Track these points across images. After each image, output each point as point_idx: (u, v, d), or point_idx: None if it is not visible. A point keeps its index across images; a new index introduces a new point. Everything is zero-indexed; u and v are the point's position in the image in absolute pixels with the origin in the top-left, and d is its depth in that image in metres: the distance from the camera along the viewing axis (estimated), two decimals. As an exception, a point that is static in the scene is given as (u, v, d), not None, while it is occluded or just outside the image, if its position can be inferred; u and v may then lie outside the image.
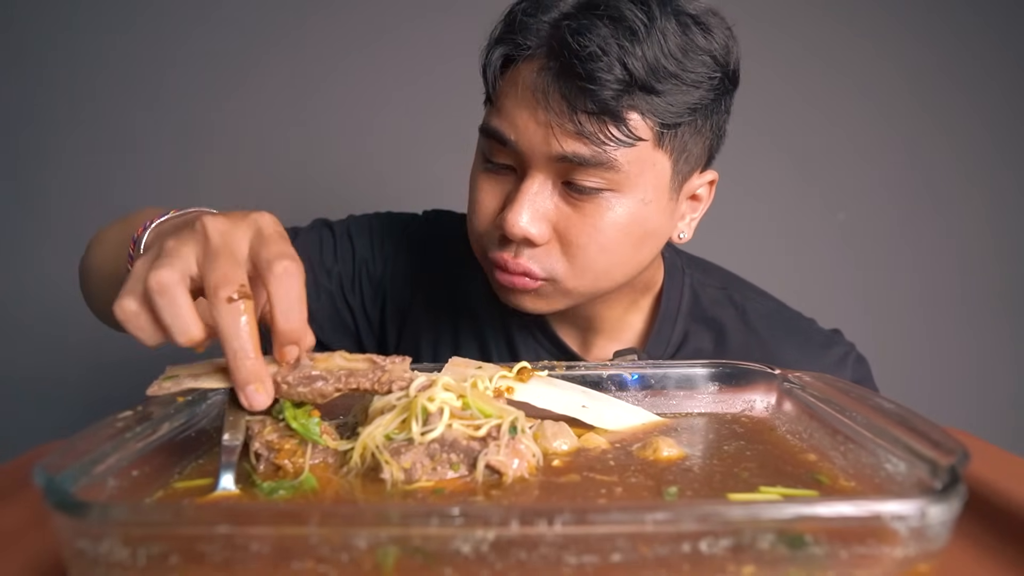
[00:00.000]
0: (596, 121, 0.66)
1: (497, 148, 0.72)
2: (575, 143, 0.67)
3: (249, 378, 0.47)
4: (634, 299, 0.87)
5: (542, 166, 0.70)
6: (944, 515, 0.34)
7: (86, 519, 0.34)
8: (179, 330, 0.46)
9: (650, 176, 0.71)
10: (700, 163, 0.76)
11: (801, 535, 0.34)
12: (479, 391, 0.55)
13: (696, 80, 0.68)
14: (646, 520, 0.33)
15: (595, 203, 0.70)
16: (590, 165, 0.68)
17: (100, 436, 0.44)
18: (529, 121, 0.69)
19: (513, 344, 0.89)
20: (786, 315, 0.91)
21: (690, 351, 0.86)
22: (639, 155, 0.69)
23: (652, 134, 0.69)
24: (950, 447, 0.39)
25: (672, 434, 0.58)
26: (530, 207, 0.70)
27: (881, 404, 0.49)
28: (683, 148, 0.72)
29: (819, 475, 0.48)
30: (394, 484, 0.47)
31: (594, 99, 0.65)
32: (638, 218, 0.72)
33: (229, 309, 0.45)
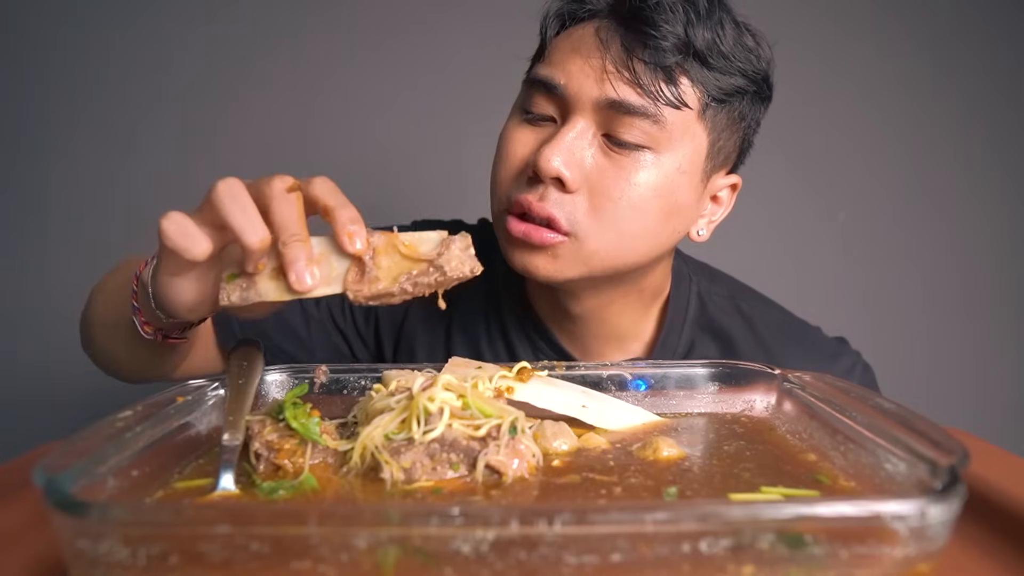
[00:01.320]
0: (650, 73, 0.69)
1: (540, 97, 0.73)
2: (627, 89, 0.69)
3: (300, 255, 0.50)
4: (643, 306, 0.85)
5: (587, 112, 0.70)
6: (944, 515, 0.34)
7: (86, 519, 0.34)
8: (248, 229, 0.49)
9: (689, 147, 0.72)
10: (728, 162, 0.79)
11: (801, 535, 0.34)
12: (479, 391, 0.55)
13: (742, 69, 0.73)
14: (646, 520, 0.33)
15: (633, 158, 0.71)
16: (636, 115, 0.69)
17: (100, 436, 0.44)
18: (584, 66, 0.70)
19: (513, 353, 0.88)
20: (793, 325, 0.91)
21: (697, 358, 0.83)
22: (683, 120, 0.71)
23: (698, 104, 0.71)
24: (950, 447, 0.39)
25: (672, 434, 0.58)
26: (567, 148, 0.70)
27: (881, 404, 0.49)
28: (719, 133, 0.74)
29: (819, 475, 0.48)
30: (394, 484, 0.47)
31: (653, 50, 0.68)
32: (672, 185, 0.72)
33: (286, 198, 0.51)
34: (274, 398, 0.63)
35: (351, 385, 0.64)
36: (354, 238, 0.51)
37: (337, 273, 0.53)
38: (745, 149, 0.81)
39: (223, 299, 0.53)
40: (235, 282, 0.53)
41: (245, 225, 0.50)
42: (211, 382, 0.58)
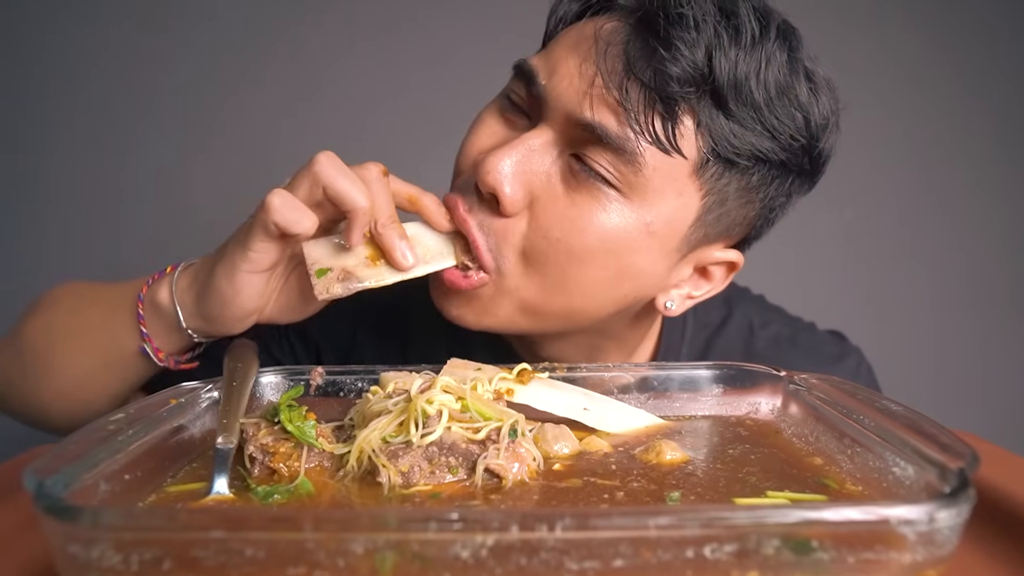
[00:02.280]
0: (644, 99, 0.56)
1: (520, 86, 0.63)
2: (607, 113, 0.57)
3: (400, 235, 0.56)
4: (631, 349, 0.76)
5: (558, 124, 0.60)
6: (953, 520, 0.34)
7: (77, 524, 0.34)
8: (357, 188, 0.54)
9: (670, 205, 0.59)
10: (732, 235, 0.66)
11: (807, 540, 0.34)
12: (478, 394, 0.55)
13: (776, 128, 0.58)
14: (649, 525, 0.33)
15: (592, 194, 0.59)
16: (609, 147, 0.57)
17: (91, 439, 0.44)
18: (572, 69, 0.59)
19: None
20: (792, 330, 0.86)
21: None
22: (671, 171, 0.58)
23: (697, 156, 0.58)
24: (959, 450, 0.39)
25: (675, 437, 0.58)
26: (521, 158, 0.59)
27: (889, 407, 0.49)
28: (722, 200, 0.61)
29: (826, 479, 0.48)
30: (391, 488, 0.47)
31: (656, 72, 0.55)
32: (631, 242, 0.59)
33: (383, 182, 0.57)
34: (269, 400, 0.63)
35: (347, 387, 0.64)
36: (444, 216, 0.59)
37: (431, 253, 0.61)
38: (761, 227, 0.67)
39: (321, 292, 0.57)
40: (328, 275, 0.57)
41: (354, 190, 0.54)
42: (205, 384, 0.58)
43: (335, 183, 0.54)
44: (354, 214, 0.53)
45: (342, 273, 0.57)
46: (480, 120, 0.66)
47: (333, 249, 0.60)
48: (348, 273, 0.57)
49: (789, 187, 0.64)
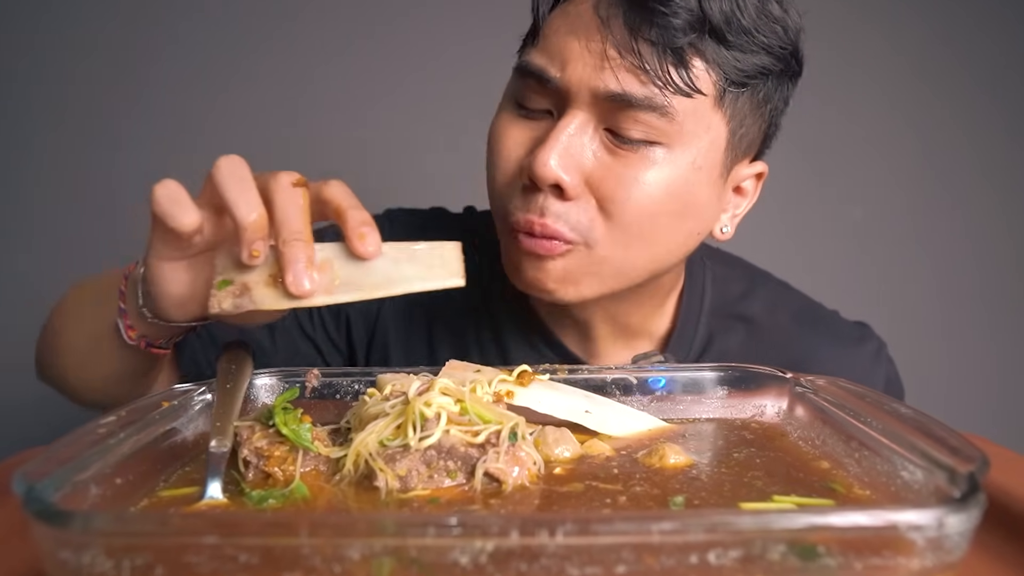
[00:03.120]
0: (657, 56, 0.62)
1: (533, 89, 0.67)
2: (629, 78, 0.62)
3: (298, 257, 0.48)
4: (657, 303, 0.81)
5: (585, 104, 0.64)
6: (963, 525, 0.34)
7: (68, 529, 0.34)
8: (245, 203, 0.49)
9: (704, 139, 0.66)
10: (752, 150, 0.73)
11: (813, 546, 0.34)
12: (477, 396, 0.55)
13: (766, 44, 0.66)
14: (652, 530, 0.33)
15: (640, 155, 0.65)
16: (641, 108, 0.63)
17: (82, 442, 0.44)
18: (582, 51, 0.64)
19: (505, 351, 0.83)
20: (815, 309, 0.90)
21: (715, 353, 0.83)
22: (696, 110, 0.65)
23: (714, 90, 0.65)
24: (969, 454, 0.39)
25: (679, 440, 0.58)
26: (563, 147, 0.64)
27: (897, 409, 0.49)
28: (741, 121, 0.68)
29: (833, 483, 0.48)
30: (389, 492, 0.47)
31: (661, 29, 0.61)
32: (687, 182, 0.66)
33: (291, 192, 0.50)
34: (263, 403, 0.63)
35: (344, 389, 0.64)
36: (366, 240, 0.50)
37: (340, 282, 0.52)
38: (771, 134, 0.75)
39: (213, 306, 0.52)
40: (227, 289, 0.52)
41: (240, 200, 0.49)
42: (198, 386, 0.58)
43: (225, 190, 0.49)
44: (240, 225, 0.49)
45: (240, 288, 0.52)
46: (500, 133, 0.70)
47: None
48: (246, 288, 0.52)
49: (787, 92, 0.73)
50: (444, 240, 0.53)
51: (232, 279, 0.52)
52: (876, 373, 0.85)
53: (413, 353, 0.85)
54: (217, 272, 0.53)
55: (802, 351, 0.83)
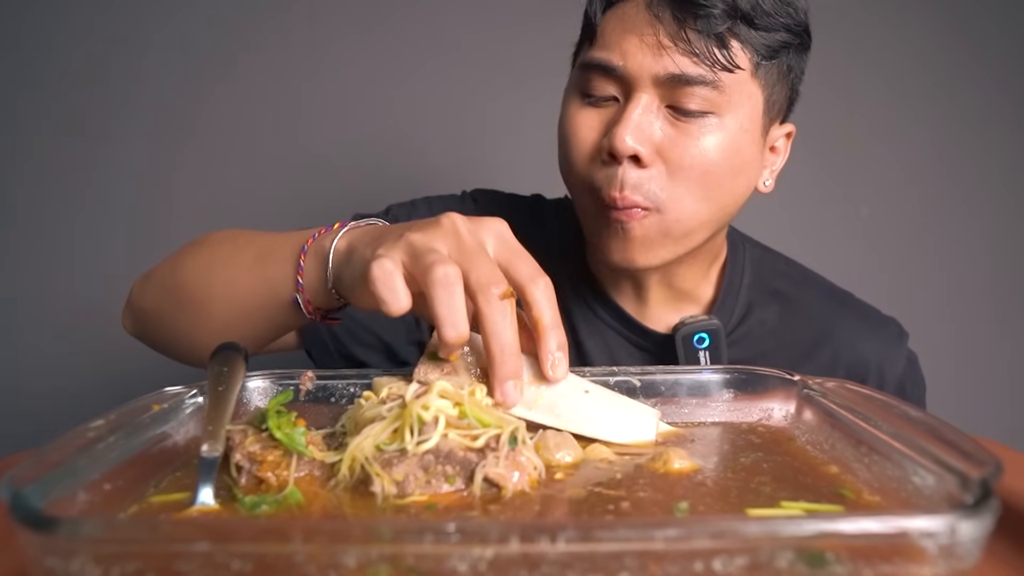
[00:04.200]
0: (704, 41, 0.77)
1: (599, 79, 0.81)
2: (684, 60, 0.77)
3: (510, 374, 0.52)
4: (705, 267, 0.93)
5: (648, 87, 0.78)
6: (975, 531, 0.34)
7: (55, 535, 0.34)
8: (451, 323, 0.51)
9: (747, 105, 0.81)
10: (781, 113, 0.88)
11: (822, 553, 0.34)
12: (476, 399, 0.55)
13: (784, 24, 0.81)
14: (656, 537, 0.33)
15: (698, 124, 0.79)
16: (696, 84, 0.77)
17: (70, 447, 0.44)
18: (639, 43, 0.78)
19: (570, 319, 0.93)
20: (843, 292, 1.01)
21: (754, 322, 0.93)
22: (739, 81, 0.79)
23: (750, 65, 0.80)
24: (982, 458, 0.39)
25: (684, 445, 0.58)
26: (635, 124, 0.77)
27: (908, 412, 0.49)
28: (772, 88, 0.83)
29: (842, 489, 0.48)
30: (385, 498, 0.47)
31: (704, 19, 0.76)
32: (737, 144, 0.81)
33: (501, 306, 0.52)
34: (257, 406, 0.63)
35: (339, 392, 0.64)
36: (557, 368, 0.55)
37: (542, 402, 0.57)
38: (794, 98, 0.89)
39: (419, 375, 0.56)
40: (435, 363, 0.56)
41: (448, 321, 0.51)
42: (189, 389, 0.58)
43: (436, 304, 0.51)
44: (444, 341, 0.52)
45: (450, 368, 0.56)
46: (574, 120, 0.83)
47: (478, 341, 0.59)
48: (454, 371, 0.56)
49: (803, 62, 0.87)
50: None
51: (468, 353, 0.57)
52: (898, 353, 0.94)
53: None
54: (430, 344, 0.57)
55: (829, 324, 0.93)
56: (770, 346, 0.93)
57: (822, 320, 0.94)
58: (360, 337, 0.94)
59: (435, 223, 0.55)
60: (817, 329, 0.93)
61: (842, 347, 0.92)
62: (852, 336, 0.93)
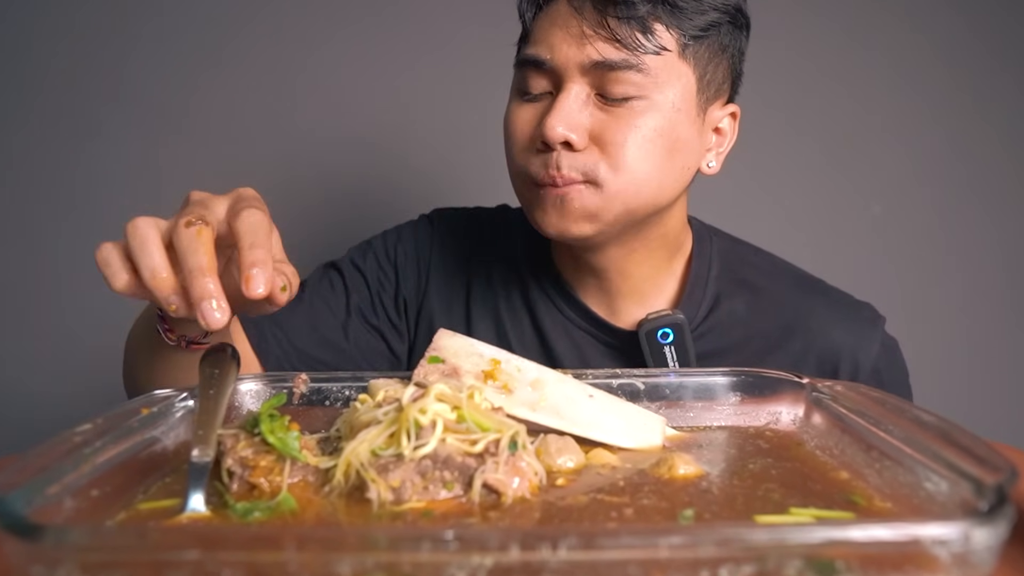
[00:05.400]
0: (626, 26, 0.80)
1: (532, 75, 0.85)
2: (607, 47, 0.80)
3: (204, 294, 0.51)
4: (665, 257, 0.95)
5: (576, 76, 0.82)
6: (990, 539, 0.34)
7: (41, 543, 0.34)
8: (147, 266, 0.53)
9: (677, 85, 0.83)
10: (722, 93, 0.89)
11: (832, 561, 0.34)
12: (475, 403, 0.55)
13: (712, 4, 0.83)
14: (659, 545, 0.33)
15: (628, 108, 0.82)
16: (621, 68, 0.80)
17: (56, 452, 0.44)
18: (564, 36, 0.82)
19: (536, 321, 0.97)
20: (814, 280, 1.01)
21: (723, 313, 0.94)
22: (666, 64, 0.82)
23: (676, 45, 0.82)
24: (996, 464, 0.39)
25: (689, 450, 0.58)
26: (566, 112, 0.81)
27: (920, 416, 0.49)
28: (705, 67, 0.85)
29: (853, 495, 0.48)
30: (381, 505, 0.47)
31: (624, 5, 0.79)
32: (670, 123, 0.83)
33: (187, 233, 0.53)
34: (249, 410, 0.63)
35: (333, 396, 0.64)
36: (250, 282, 0.52)
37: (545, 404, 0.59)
38: (736, 78, 0.91)
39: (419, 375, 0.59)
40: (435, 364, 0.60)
41: (143, 265, 0.54)
42: (179, 392, 0.58)
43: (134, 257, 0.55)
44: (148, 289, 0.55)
45: (451, 370, 0.59)
46: (512, 117, 0.88)
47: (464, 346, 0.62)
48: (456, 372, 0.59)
49: (740, 42, 0.89)
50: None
51: (447, 359, 0.60)
52: (871, 339, 0.94)
53: (455, 321, 0.99)
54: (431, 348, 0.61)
55: (800, 313, 0.94)
56: (739, 337, 0.93)
57: (792, 309, 0.94)
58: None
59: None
60: (787, 318, 0.94)
61: (813, 335, 0.93)
62: (823, 324, 0.93)
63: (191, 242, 0.52)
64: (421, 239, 1.04)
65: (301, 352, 0.94)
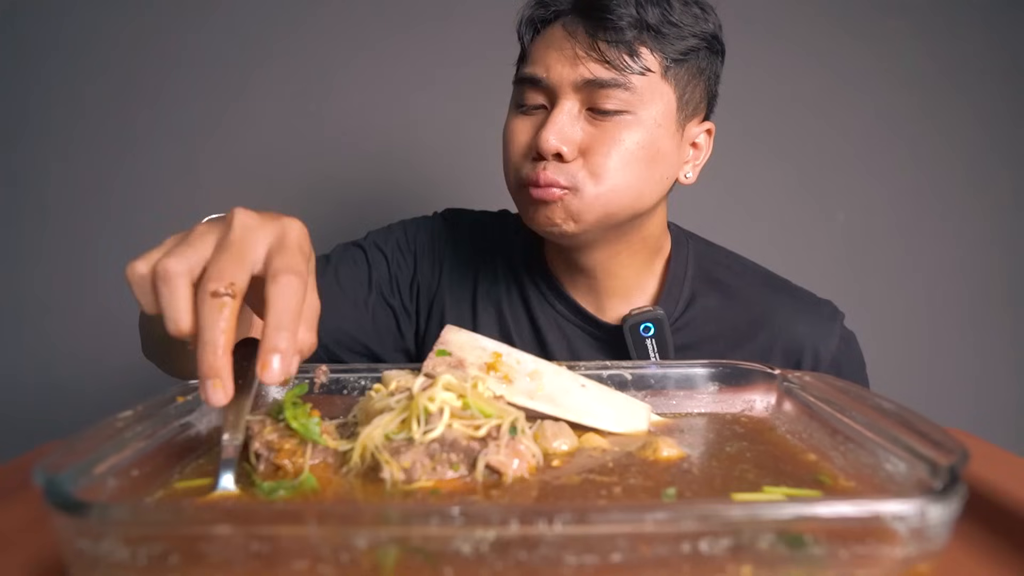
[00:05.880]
0: (615, 49, 0.81)
1: (529, 91, 0.86)
2: (598, 67, 0.81)
3: (210, 372, 0.45)
4: (646, 260, 0.96)
5: (569, 93, 0.83)
6: (944, 515, 0.34)
7: (86, 519, 0.34)
8: (170, 318, 0.47)
9: (660, 103, 0.84)
10: (699, 111, 0.90)
11: (800, 535, 0.34)
12: (479, 392, 0.55)
13: (692, 31, 0.85)
14: (645, 520, 0.33)
15: (615, 122, 0.83)
16: (610, 86, 0.81)
17: (100, 436, 0.44)
18: (559, 57, 0.83)
19: (532, 314, 0.98)
20: (780, 279, 1.02)
21: (697, 309, 0.95)
22: (649, 84, 0.83)
23: (660, 67, 0.83)
24: (950, 447, 0.39)
25: (672, 434, 0.58)
26: (559, 126, 0.82)
27: (881, 404, 0.49)
28: (684, 87, 0.86)
29: (820, 475, 0.48)
30: (394, 484, 0.47)
31: (613, 30, 0.81)
32: (651, 137, 0.84)
33: (211, 303, 0.46)
34: (274, 398, 0.63)
35: (351, 385, 0.64)
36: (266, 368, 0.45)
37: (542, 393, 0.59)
38: (711, 99, 0.92)
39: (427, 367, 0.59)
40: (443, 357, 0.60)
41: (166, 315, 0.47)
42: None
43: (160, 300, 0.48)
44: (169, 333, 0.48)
45: (457, 362, 0.59)
46: (510, 128, 0.89)
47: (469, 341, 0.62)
48: (462, 364, 0.59)
49: (716, 66, 0.90)
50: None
51: (453, 352, 0.60)
52: (830, 332, 0.95)
53: (462, 315, 1.00)
54: (438, 343, 0.61)
55: (766, 309, 0.95)
56: (712, 331, 0.94)
57: (759, 306, 0.95)
58: (349, 346, 0.97)
59: (220, 219, 0.51)
60: (755, 314, 0.94)
61: (778, 330, 0.93)
62: (787, 319, 0.94)
63: (212, 314, 0.46)
64: (437, 234, 1.04)
65: (328, 325, 0.90)
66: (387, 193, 1.57)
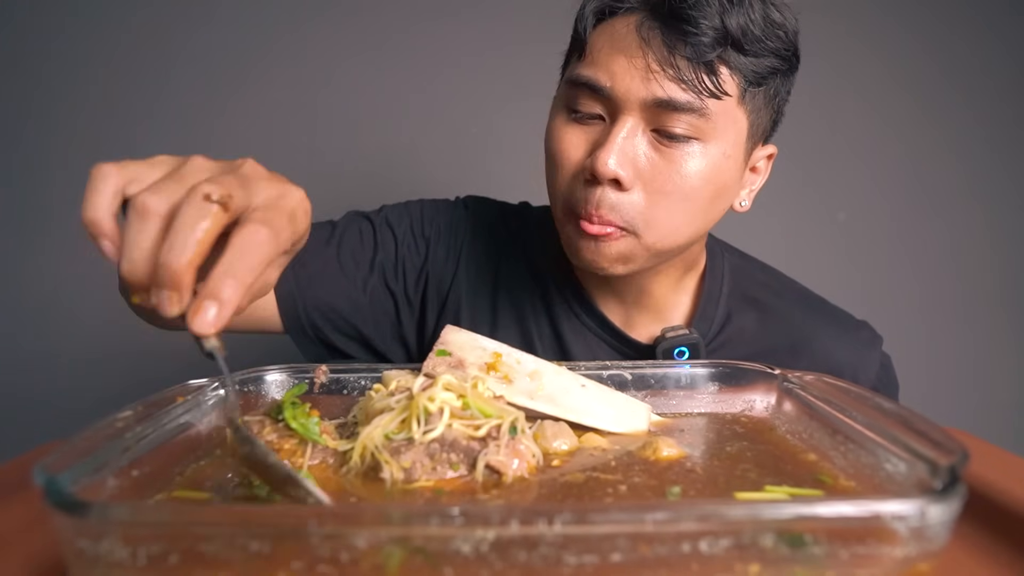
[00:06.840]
0: (692, 68, 0.71)
1: (586, 97, 0.75)
2: (672, 87, 0.71)
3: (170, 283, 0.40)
4: (680, 276, 0.90)
5: (635, 111, 0.73)
6: (944, 515, 0.34)
7: (86, 519, 0.34)
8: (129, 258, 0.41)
9: (732, 131, 0.75)
10: (765, 135, 0.82)
11: (801, 535, 0.34)
12: (479, 392, 0.55)
13: (773, 49, 0.75)
14: (645, 520, 0.33)
15: (682, 151, 0.73)
16: (683, 110, 0.72)
17: (100, 436, 0.44)
18: (628, 67, 0.72)
19: (556, 324, 0.91)
20: (818, 299, 0.98)
21: (733, 330, 0.90)
22: (725, 108, 0.74)
23: (737, 91, 0.74)
24: (950, 447, 0.39)
25: (672, 434, 0.58)
26: (619, 148, 0.72)
27: (881, 404, 0.49)
28: (757, 112, 0.77)
29: (820, 475, 0.48)
30: (394, 484, 0.47)
31: (694, 46, 0.70)
32: (719, 170, 0.76)
33: (199, 204, 0.40)
34: (273, 398, 0.63)
35: (351, 385, 0.64)
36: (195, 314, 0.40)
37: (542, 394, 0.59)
38: (778, 120, 0.84)
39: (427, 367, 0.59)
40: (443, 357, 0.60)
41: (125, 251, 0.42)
42: (211, 382, 0.58)
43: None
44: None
45: (457, 362, 0.59)
46: (559, 136, 0.78)
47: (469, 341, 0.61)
48: (462, 364, 0.59)
49: (789, 84, 0.82)
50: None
51: (453, 352, 0.59)
52: (871, 357, 0.91)
53: (479, 315, 0.93)
54: (439, 342, 0.61)
55: (805, 331, 0.90)
56: (748, 353, 0.89)
57: (798, 328, 0.90)
58: (339, 326, 0.90)
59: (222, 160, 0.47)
60: (794, 337, 0.89)
61: (818, 354, 0.89)
62: (828, 343, 0.89)
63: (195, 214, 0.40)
64: (456, 222, 0.96)
65: (318, 299, 0.88)
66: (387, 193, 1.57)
